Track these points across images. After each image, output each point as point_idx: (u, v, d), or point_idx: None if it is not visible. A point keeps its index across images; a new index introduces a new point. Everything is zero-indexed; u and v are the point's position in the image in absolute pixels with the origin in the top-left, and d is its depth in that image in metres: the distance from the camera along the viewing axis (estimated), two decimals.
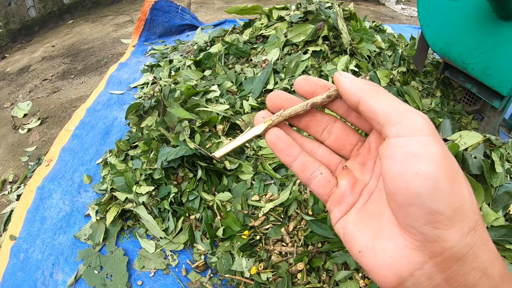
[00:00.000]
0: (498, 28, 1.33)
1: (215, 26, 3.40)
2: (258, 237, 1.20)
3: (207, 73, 1.92)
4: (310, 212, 1.22)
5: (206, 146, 1.40)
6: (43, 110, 2.69)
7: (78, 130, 2.05)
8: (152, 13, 3.09)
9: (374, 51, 1.93)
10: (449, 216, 0.26)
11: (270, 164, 1.39)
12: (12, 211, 1.67)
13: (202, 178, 1.34)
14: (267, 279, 1.10)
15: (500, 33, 1.33)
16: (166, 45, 3.04)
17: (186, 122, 1.46)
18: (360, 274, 1.06)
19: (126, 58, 2.91)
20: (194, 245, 1.27)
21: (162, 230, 1.29)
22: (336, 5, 1.96)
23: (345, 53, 1.78)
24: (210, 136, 1.45)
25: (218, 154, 0.38)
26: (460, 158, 1.13)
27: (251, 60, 1.89)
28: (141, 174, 1.41)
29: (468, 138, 1.24)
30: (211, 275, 1.19)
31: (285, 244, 1.18)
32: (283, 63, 1.76)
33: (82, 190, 1.61)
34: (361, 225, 0.34)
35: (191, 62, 2.03)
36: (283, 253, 1.16)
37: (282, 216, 1.24)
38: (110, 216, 1.36)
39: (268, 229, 1.22)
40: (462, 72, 1.58)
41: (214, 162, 1.38)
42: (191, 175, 1.36)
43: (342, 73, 0.34)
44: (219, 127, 1.49)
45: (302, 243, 1.17)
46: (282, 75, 1.72)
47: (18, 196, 1.84)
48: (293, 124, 0.40)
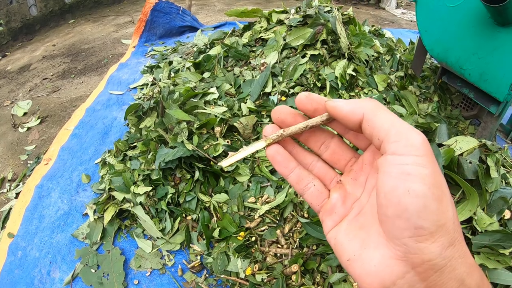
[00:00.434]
0: (495, 34, 1.35)
1: (215, 28, 3.42)
2: (253, 238, 1.21)
3: (206, 75, 1.93)
4: (306, 214, 1.23)
5: (204, 148, 1.41)
6: (43, 109, 2.70)
7: (78, 130, 2.06)
8: (153, 14, 3.11)
9: (372, 56, 1.94)
10: (433, 232, 0.29)
11: (266, 166, 1.40)
12: (10, 209, 1.68)
13: (199, 179, 1.35)
14: (262, 280, 1.11)
15: (497, 39, 1.34)
16: (166, 46, 3.06)
17: (184, 123, 1.47)
18: None
19: (126, 59, 2.92)
20: (191, 245, 1.29)
21: (159, 230, 1.30)
22: (335, 9, 1.97)
23: (343, 57, 1.79)
24: (208, 138, 1.47)
25: (224, 164, 0.42)
26: (455, 163, 1.14)
27: (250, 63, 1.90)
28: (139, 175, 1.43)
29: (463, 143, 1.25)
30: (207, 276, 1.20)
31: (280, 245, 1.19)
32: (282, 67, 1.77)
33: (80, 189, 1.62)
34: (351, 235, 0.36)
35: (191, 64, 2.05)
36: (278, 254, 1.17)
37: (278, 218, 1.25)
38: (108, 215, 1.37)
39: (263, 230, 1.23)
40: (460, 77, 1.59)
41: (211, 163, 1.40)
42: (189, 176, 1.37)
43: (333, 100, 0.37)
44: (217, 129, 1.50)
45: (297, 245, 1.18)
46: (280, 78, 1.73)
47: (17, 194, 1.85)
48: (294, 137, 0.43)
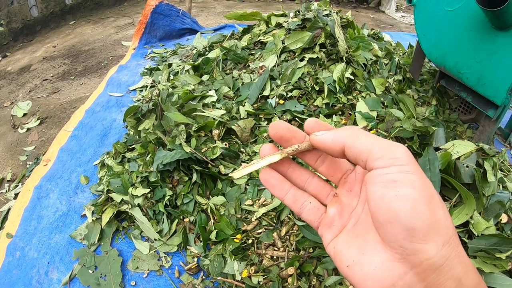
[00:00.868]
0: (493, 38, 1.35)
1: (215, 30, 3.44)
2: (250, 241, 1.22)
3: (205, 78, 1.94)
4: None
5: (202, 151, 1.42)
6: (43, 110, 2.70)
7: (77, 131, 2.06)
8: (153, 16, 3.12)
9: (371, 59, 1.95)
10: (425, 231, 0.30)
11: None
12: (9, 210, 1.68)
13: (197, 181, 1.36)
14: (258, 283, 1.11)
15: (494, 43, 1.35)
16: (166, 48, 3.07)
17: (183, 126, 1.47)
18: None
19: (126, 61, 2.94)
20: (188, 247, 1.29)
21: (156, 232, 1.30)
22: (334, 13, 1.98)
23: (341, 60, 1.80)
24: (206, 140, 1.47)
25: (236, 176, 0.43)
26: (452, 167, 1.14)
27: (249, 66, 1.91)
28: (137, 177, 1.43)
29: (461, 147, 1.25)
30: (203, 278, 1.20)
31: (276, 248, 1.19)
32: (280, 70, 1.78)
33: (79, 190, 1.62)
34: (349, 243, 0.38)
35: (190, 66, 2.06)
36: (275, 257, 1.17)
37: (275, 221, 1.26)
38: (106, 217, 1.37)
39: (260, 233, 1.23)
40: (458, 81, 1.60)
41: (209, 166, 1.40)
42: (186, 179, 1.38)
43: (316, 133, 0.39)
44: (215, 132, 1.51)
45: (293, 248, 1.18)
46: (279, 82, 1.74)
47: (16, 194, 1.86)
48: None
